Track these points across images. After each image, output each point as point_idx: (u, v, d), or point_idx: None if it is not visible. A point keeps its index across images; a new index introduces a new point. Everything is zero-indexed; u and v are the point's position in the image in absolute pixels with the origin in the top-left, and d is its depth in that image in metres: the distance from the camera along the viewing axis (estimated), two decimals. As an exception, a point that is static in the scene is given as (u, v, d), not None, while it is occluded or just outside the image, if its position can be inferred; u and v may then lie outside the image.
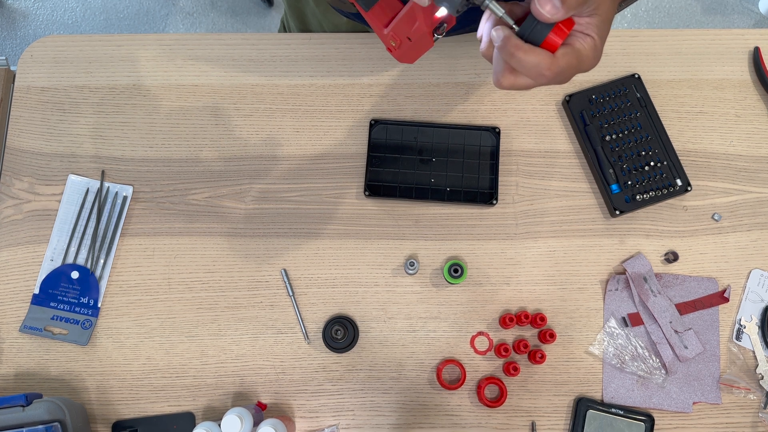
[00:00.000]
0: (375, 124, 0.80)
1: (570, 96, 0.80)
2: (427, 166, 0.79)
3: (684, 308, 0.74)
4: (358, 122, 0.81)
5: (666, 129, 0.79)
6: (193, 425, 0.72)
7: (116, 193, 0.78)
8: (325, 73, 0.82)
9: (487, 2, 0.53)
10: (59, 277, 0.75)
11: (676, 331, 0.73)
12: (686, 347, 0.73)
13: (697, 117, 0.81)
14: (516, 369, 0.71)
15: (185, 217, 0.78)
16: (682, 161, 0.78)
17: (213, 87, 0.82)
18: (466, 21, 0.80)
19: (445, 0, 0.53)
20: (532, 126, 0.81)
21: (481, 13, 0.53)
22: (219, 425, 0.63)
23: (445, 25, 0.59)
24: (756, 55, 0.82)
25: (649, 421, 0.71)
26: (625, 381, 0.73)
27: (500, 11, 0.53)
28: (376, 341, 0.74)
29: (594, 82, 0.81)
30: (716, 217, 0.77)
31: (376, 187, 0.78)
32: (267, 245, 0.77)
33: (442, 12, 0.56)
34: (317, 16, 0.91)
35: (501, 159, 0.79)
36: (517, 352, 0.73)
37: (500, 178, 0.78)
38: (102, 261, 0.76)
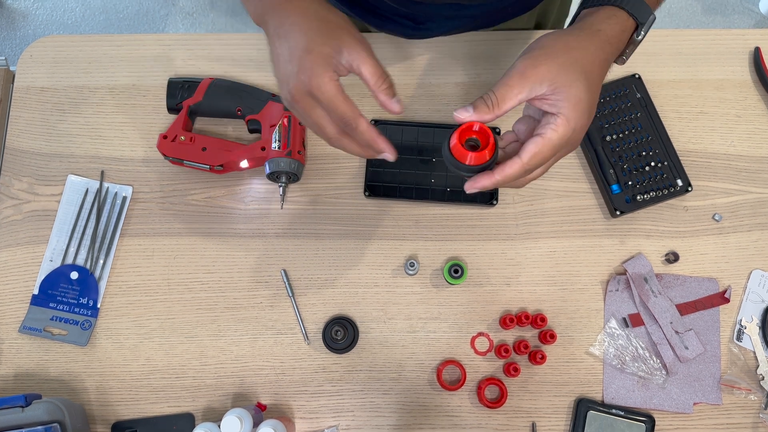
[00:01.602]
0: (375, 124, 0.80)
1: (570, 96, 0.80)
2: (427, 166, 0.78)
3: (685, 309, 0.74)
4: (358, 122, 0.80)
5: (666, 129, 0.78)
6: (193, 426, 0.71)
7: (116, 193, 0.78)
8: (325, 73, 0.82)
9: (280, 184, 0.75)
10: (58, 277, 0.75)
11: (676, 332, 0.73)
12: (687, 348, 0.72)
13: (698, 117, 0.81)
14: (516, 370, 0.71)
15: (185, 218, 0.78)
16: (682, 161, 0.77)
17: (213, 87, 0.82)
18: (466, 21, 0.80)
19: (272, 165, 0.73)
20: (533, 126, 0.80)
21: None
22: (219, 426, 0.62)
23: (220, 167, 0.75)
24: (756, 56, 0.82)
25: (650, 421, 0.71)
26: (626, 382, 0.72)
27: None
28: (376, 342, 0.74)
29: (594, 83, 0.81)
30: (717, 218, 0.77)
31: (376, 188, 0.78)
32: (267, 245, 0.77)
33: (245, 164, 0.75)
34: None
35: (501, 159, 0.79)
36: (517, 353, 0.73)
37: (500, 179, 0.78)
38: (101, 261, 0.76)
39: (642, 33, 0.59)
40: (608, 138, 0.78)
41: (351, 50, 0.52)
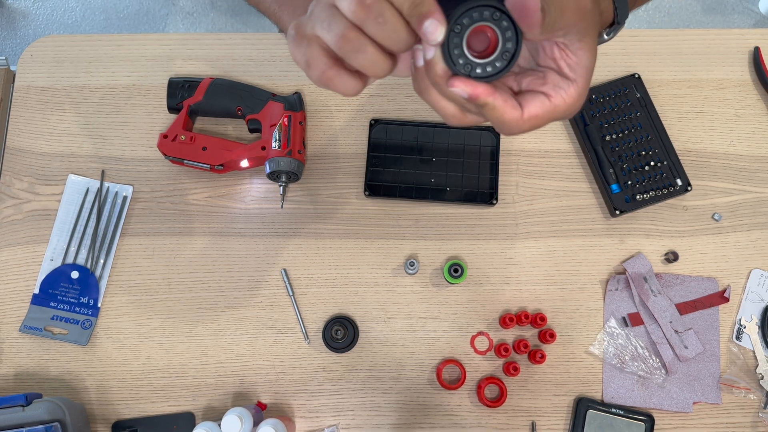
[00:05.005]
0: (375, 124, 0.80)
1: (570, 96, 0.80)
2: (427, 166, 0.79)
3: (684, 308, 0.74)
4: (358, 122, 0.81)
5: (666, 129, 0.79)
6: (193, 425, 0.72)
7: (116, 192, 0.78)
8: (325, 72, 0.82)
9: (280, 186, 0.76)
10: (59, 277, 0.75)
11: (676, 331, 0.73)
12: (686, 347, 0.73)
13: (698, 117, 0.81)
14: (516, 369, 0.71)
15: (185, 217, 0.78)
16: (682, 161, 0.78)
17: (213, 87, 0.82)
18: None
19: (271, 165, 0.73)
20: (532, 126, 0.80)
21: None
22: (219, 425, 0.63)
23: (221, 166, 0.76)
24: (756, 55, 0.82)
25: (649, 421, 0.71)
26: (625, 381, 0.72)
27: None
28: (376, 341, 0.74)
29: (594, 82, 0.81)
30: (716, 217, 0.77)
31: (376, 187, 0.78)
32: (267, 245, 0.77)
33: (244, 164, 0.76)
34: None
35: (501, 159, 0.79)
36: (517, 352, 0.73)
37: (500, 178, 0.78)
38: (102, 261, 0.76)
39: (612, 33, 0.54)
40: (608, 137, 0.78)
41: None
